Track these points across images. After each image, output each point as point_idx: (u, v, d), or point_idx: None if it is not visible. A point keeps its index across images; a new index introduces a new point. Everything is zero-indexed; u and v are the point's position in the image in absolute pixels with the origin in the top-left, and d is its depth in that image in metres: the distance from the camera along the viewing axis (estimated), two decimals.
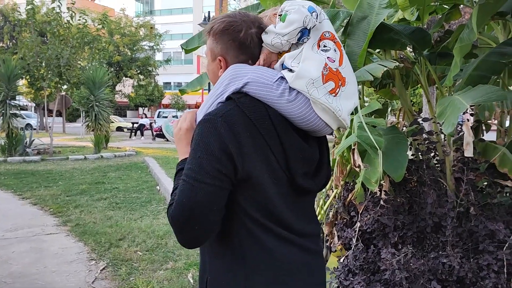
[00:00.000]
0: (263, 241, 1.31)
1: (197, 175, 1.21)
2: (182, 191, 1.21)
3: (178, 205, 1.21)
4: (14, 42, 34.77)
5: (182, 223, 1.21)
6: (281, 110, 1.30)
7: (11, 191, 8.33)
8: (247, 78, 1.31)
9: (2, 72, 13.54)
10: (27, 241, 5.23)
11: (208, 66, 1.47)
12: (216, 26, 1.41)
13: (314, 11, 1.33)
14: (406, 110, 3.65)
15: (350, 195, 3.55)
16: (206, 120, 1.27)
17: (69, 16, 14.25)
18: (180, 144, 1.42)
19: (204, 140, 1.24)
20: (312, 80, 1.29)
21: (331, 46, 1.35)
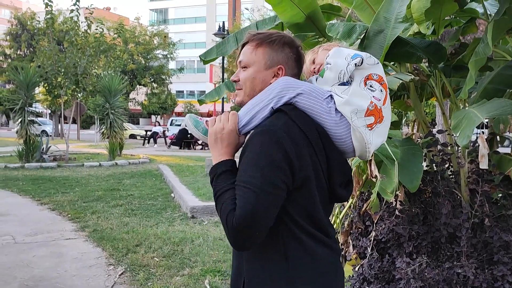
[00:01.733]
0: (306, 244, 1.41)
1: (261, 184, 1.29)
2: (246, 199, 1.28)
3: (243, 213, 1.27)
4: (32, 50, 35.42)
5: (246, 229, 1.27)
6: (326, 126, 1.44)
7: (30, 196, 8.51)
8: (300, 89, 1.44)
9: (21, 80, 13.85)
10: (47, 245, 5.35)
11: (257, 74, 1.50)
12: (275, 37, 1.51)
13: (357, 57, 1.47)
14: (421, 122, 3.70)
15: (365, 205, 3.61)
16: (266, 131, 1.36)
17: (86, 26, 14.54)
18: (220, 144, 1.44)
19: (267, 150, 1.32)
20: (357, 110, 1.43)
21: (377, 87, 1.48)
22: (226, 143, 1.44)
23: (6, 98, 26.08)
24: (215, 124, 1.47)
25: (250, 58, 1.51)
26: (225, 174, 1.39)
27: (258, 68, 1.50)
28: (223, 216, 1.30)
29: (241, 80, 1.52)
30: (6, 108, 29.49)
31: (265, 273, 1.41)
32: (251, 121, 1.45)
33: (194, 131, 1.54)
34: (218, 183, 1.38)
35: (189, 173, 11.55)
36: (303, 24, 3.81)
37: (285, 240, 1.39)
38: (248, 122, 1.45)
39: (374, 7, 3.77)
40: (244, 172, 1.33)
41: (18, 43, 36.98)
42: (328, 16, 4.29)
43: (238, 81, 1.53)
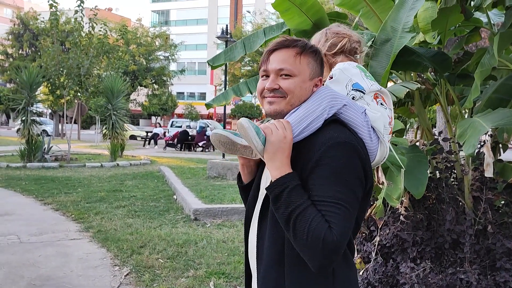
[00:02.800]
0: (349, 258, 1.43)
1: (351, 200, 1.28)
2: (342, 216, 1.25)
3: (343, 229, 1.24)
4: (33, 50, 35.48)
5: (342, 247, 1.24)
6: (362, 136, 1.45)
7: (33, 196, 8.56)
8: (345, 101, 1.46)
9: (24, 79, 13.91)
10: (52, 245, 5.40)
11: (303, 84, 1.45)
12: (314, 48, 1.50)
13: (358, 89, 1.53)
14: (425, 129, 3.77)
15: (370, 210, 3.67)
16: (345, 143, 1.33)
17: (90, 27, 14.61)
18: (282, 154, 1.35)
19: (350, 163, 1.31)
20: (385, 127, 1.51)
21: (386, 106, 1.57)
22: (287, 153, 1.36)
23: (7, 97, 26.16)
24: (275, 132, 1.37)
25: (294, 67, 1.43)
26: (298, 188, 1.30)
27: (304, 77, 1.45)
28: (315, 234, 1.22)
29: (284, 89, 1.43)
30: (7, 107, 29.58)
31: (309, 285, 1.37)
32: (304, 131, 1.40)
33: (255, 138, 1.37)
34: (293, 198, 1.29)
35: (191, 175, 11.60)
36: (310, 31, 3.86)
37: None
38: (300, 132, 1.40)
39: (380, 16, 3.84)
40: (329, 187, 1.28)
41: (20, 43, 37.02)
42: None
43: (278, 89, 1.44)
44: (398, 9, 3.18)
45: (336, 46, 1.64)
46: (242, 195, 1.70)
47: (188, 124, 32.73)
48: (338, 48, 1.63)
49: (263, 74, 1.48)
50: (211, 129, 1.55)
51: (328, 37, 1.65)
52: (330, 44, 1.64)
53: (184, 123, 33.33)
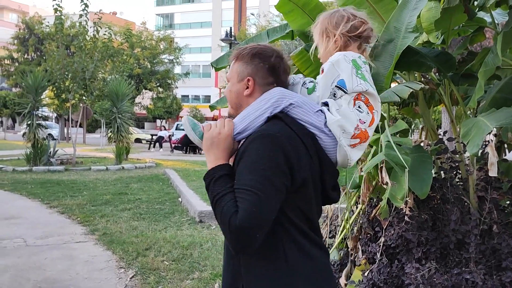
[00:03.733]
0: (302, 245, 1.47)
1: (264, 187, 1.34)
2: (249, 201, 1.32)
3: (247, 214, 1.30)
4: (39, 54, 35.68)
5: (249, 231, 1.31)
6: (317, 135, 1.51)
7: (39, 199, 8.60)
8: (293, 100, 1.51)
9: (30, 83, 13.99)
10: (58, 248, 5.43)
11: (232, 87, 1.60)
12: (247, 51, 1.58)
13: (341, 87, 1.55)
14: (429, 129, 3.76)
15: (374, 211, 3.66)
16: (266, 135, 1.41)
17: (95, 31, 14.68)
18: (216, 149, 1.48)
19: (268, 154, 1.38)
20: (344, 131, 1.52)
21: (364, 109, 1.57)
22: (222, 148, 1.49)
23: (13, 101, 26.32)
24: (211, 129, 1.51)
25: (229, 73, 1.60)
26: (223, 178, 1.42)
27: (233, 81, 1.59)
28: (224, 218, 1.33)
29: (225, 93, 1.65)
30: (13, 111, 29.75)
31: (267, 275, 1.44)
32: (247, 129, 1.51)
33: (191, 134, 1.57)
34: (216, 187, 1.40)
35: (195, 178, 11.62)
36: None
37: (284, 242, 1.44)
38: (243, 129, 1.51)
39: (383, 16, 3.83)
40: (245, 176, 1.37)
41: (25, 47, 37.24)
42: None
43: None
44: (401, 9, 3.18)
45: (357, 29, 1.62)
46: None
47: None
48: (359, 32, 1.63)
49: None
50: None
51: (350, 18, 1.63)
52: (351, 26, 1.62)
53: None
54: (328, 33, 1.65)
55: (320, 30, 1.68)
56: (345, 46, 1.63)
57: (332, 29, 1.63)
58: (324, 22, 1.67)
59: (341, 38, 1.62)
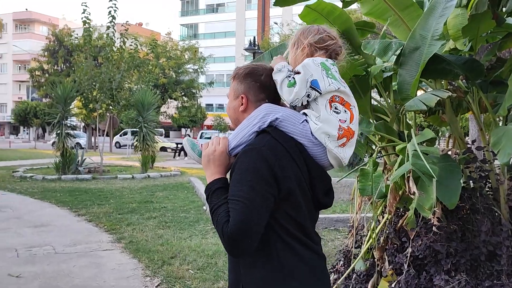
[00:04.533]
0: (296, 250, 1.58)
1: (250, 196, 1.46)
2: (238, 211, 1.45)
3: (236, 223, 1.43)
4: (68, 65, 36.60)
5: (240, 237, 1.43)
6: (305, 145, 1.62)
7: (67, 208, 8.78)
8: (279, 114, 1.62)
9: (59, 94, 14.35)
10: (85, 256, 5.52)
11: (230, 104, 1.75)
12: (241, 71, 1.74)
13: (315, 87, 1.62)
14: (457, 138, 3.69)
15: (401, 221, 3.60)
16: (251, 149, 1.55)
17: (121, 42, 14.99)
18: (212, 164, 1.63)
19: (253, 166, 1.51)
20: (329, 136, 1.62)
21: (341, 109, 1.65)
22: (218, 163, 1.63)
23: (43, 111, 27.05)
24: (208, 147, 1.66)
25: (229, 92, 1.76)
26: (218, 190, 1.56)
27: (230, 99, 1.75)
28: (218, 227, 1.47)
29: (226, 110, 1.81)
30: (43, 121, 30.53)
31: (263, 278, 1.56)
32: (239, 144, 1.64)
33: (191, 153, 1.72)
34: (213, 199, 1.55)
35: None
36: None
37: (277, 245, 1.55)
38: (237, 144, 1.64)
39: (409, 24, 3.80)
40: (234, 187, 1.50)
41: (55, 59, 38.30)
42: (362, 33, 4.33)
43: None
44: (427, 17, 3.14)
45: (325, 42, 1.73)
46: None
47: (217, 135, 33.00)
48: (324, 45, 1.73)
49: None
50: None
51: (321, 32, 1.75)
52: (320, 38, 1.73)
53: (213, 135, 33.62)
54: (299, 43, 1.76)
55: (293, 40, 1.80)
56: (312, 55, 1.73)
57: (302, 39, 1.75)
58: (297, 33, 1.80)
59: (308, 47, 1.73)
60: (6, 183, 12.42)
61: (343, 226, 6.80)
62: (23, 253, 5.61)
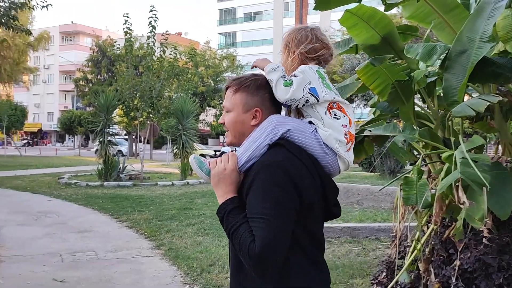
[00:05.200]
0: (307, 270, 1.54)
1: (277, 214, 1.42)
2: (263, 229, 1.40)
3: (264, 241, 1.38)
4: (110, 75, 37.71)
5: (268, 257, 1.39)
6: (316, 156, 1.59)
7: (109, 214, 8.97)
8: (290, 126, 1.58)
9: (102, 103, 14.78)
10: (126, 262, 5.60)
11: (237, 117, 1.64)
12: (250, 82, 1.66)
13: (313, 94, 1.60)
14: (507, 144, 3.52)
15: (448, 231, 3.45)
16: (270, 165, 1.49)
17: (161, 51, 15.29)
18: (223, 184, 1.56)
19: (275, 182, 1.46)
20: (339, 141, 1.61)
21: (340, 114, 1.65)
22: (229, 182, 1.56)
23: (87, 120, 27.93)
24: (217, 165, 1.59)
25: (230, 103, 1.66)
26: (234, 210, 1.50)
27: (238, 112, 1.64)
28: (243, 248, 1.40)
29: (226, 123, 1.68)
30: (87, 129, 31.54)
31: None
32: (250, 159, 1.57)
33: (198, 171, 1.65)
34: (230, 219, 1.49)
35: None
36: (378, 46, 3.77)
37: (290, 264, 1.50)
38: (247, 160, 1.57)
39: (454, 27, 3.66)
40: (256, 205, 1.44)
41: (98, 69, 39.54)
42: (405, 37, 4.21)
43: (224, 124, 1.69)
44: (475, 19, 3.01)
45: (316, 52, 1.68)
46: None
47: None
48: (316, 55, 1.68)
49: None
50: None
51: (312, 40, 1.69)
52: (311, 48, 1.68)
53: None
54: (290, 48, 1.71)
55: (285, 42, 1.74)
56: (302, 63, 1.69)
57: (293, 45, 1.69)
58: (290, 35, 1.73)
59: (299, 57, 1.68)
60: (52, 189, 12.85)
61: (385, 236, 6.62)
62: (67, 258, 5.75)
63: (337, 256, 5.74)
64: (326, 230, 6.79)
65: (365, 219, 7.78)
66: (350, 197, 9.51)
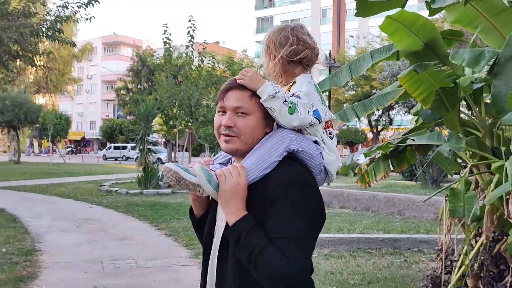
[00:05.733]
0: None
1: (306, 233, 1.36)
2: (297, 249, 1.32)
3: (301, 263, 1.32)
4: (150, 84, 38.57)
5: (300, 277, 1.31)
6: (312, 171, 1.49)
7: (148, 222, 9.09)
8: (301, 146, 1.47)
9: (141, 111, 15.09)
10: (165, 270, 5.63)
11: (257, 123, 1.48)
12: None
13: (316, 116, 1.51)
14: None
15: (498, 246, 3.28)
16: (300, 181, 1.40)
17: (200, 60, 15.50)
18: (236, 199, 1.40)
19: (307, 200, 1.39)
20: (338, 168, 1.57)
21: (333, 133, 1.61)
22: (241, 198, 1.42)
23: (127, 128, 28.66)
24: (227, 179, 1.41)
25: (250, 106, 1.47)
26: (254, 229, 1.37)
27: (257, 117, 1.48)
28: (272, 270, 1.31)
29: (239, 128, 1.46)
30: (128, 137, 32.33)
31: None
32: (261, 174, 1.43)
33: (207, 185, 1.42)
34: (251, 239, 1.35)
35: None
36: (421, 52, 3.65)
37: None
38: (258, 175, 1.43)
39: (502, 31, 3.51)
40: (286, 223, 1.35)
41: (138, 78, 40.52)
42: (449, 42, 4.07)
43: (233, 128, 1.46)
44: None
45: (297, 55, 1.54)
46: (196, 228, 1.70)
47: None
48: (298, 58, 1.54)
49: (220, 110, 1.50)
50: None
51: (294, 42, 1.54)
52: (292, 50, 1.53)
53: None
54: (270, 52, 1.57)
55: (266, 44, 1.60)
56: (285, 70, 1.56)
57: (273, 49, 1.56)
58: (269, 38, 1.59)
59: (280, 61, 1.55)
60: (94, 196, 13.18)
61: (428, 248, 6.38)
62: (108, 265, 5.84)
63: (378, 268, 5.58)
64: (366, 241, 6.63)
65: (407, 230, 7.53)
66: (391, 207, 9.26)
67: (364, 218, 8.62)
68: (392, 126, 30.34)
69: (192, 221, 1.71)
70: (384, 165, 4.34)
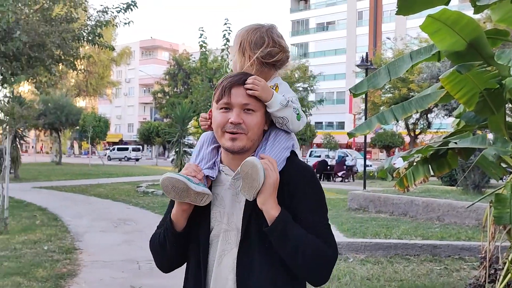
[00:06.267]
0: None
1: (328, 218, 1.52)
2: (331, 234, 1.48)
3: (335, 246, 1.46)
4: (186, 87, 39.15)
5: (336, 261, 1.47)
6: None
7: None
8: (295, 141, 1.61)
9: (178, 114, 15.30)
10: None
11: (261, 120, 1.50)
12: None
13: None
14: None
15: None
16: (314, 172, 1.58)
17: None
18: (275, 194, 1.43)
19: (322, 189, 1.54)
20: None
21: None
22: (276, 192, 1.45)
23: (164, 131, 29.14)
24: (272, 174, 1.42)
25: (256, 103, 1.47)
26: (293, 220, 1.43)
27: (261, 114, 1.49)
28: (320, 255, 1.41)
29: (246, 124, 1.45)
30: (164, 140, 32.91)
31: None
32: (279, 168, 1.47)
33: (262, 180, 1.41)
34: (295, 230, 1.41)
35: (331, 207, 11.38)
36: (464, 52, 3.53)
37: None
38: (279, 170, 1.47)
39: None
40: (319, 212, 1.49)
41: (175, 81, 41.23)
42: (494, 42, 3.91)
43: (241, 124, 1.44)
44: None
45: (272, 57, 1.53)
46: (175, 242, 1.57)
47: (327, 153, 32.62)
48: (273, 60, 1.53)
49: (223, 107, 1.47)
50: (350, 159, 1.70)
51: (269, 44, 1.53)
52: (268, 52, 1.52)
53: (323, 153, 33.32)
54: (245, 51, 1.53)
55: (239, 41, 1.56)
56: (261, 71, 1.53)
57: (248, 48, 1.53)
58: (243, 36, 1.55)
59: (256, 61, 1.52)
60: (131, 197, 13.45)
61: (470, 255, 6.16)
62: (144, 265, 5.92)
63: (417, 275, 5.42)
64: (404, 247, 6.46)
65: (447, 237, 7.29)
66: (429, 212, 9.00)
67: (402, 223, 8.41)
68: (430, 130, 29.58)
69: (173, 234, 1.57)
70: (423, 169, 4.21)
